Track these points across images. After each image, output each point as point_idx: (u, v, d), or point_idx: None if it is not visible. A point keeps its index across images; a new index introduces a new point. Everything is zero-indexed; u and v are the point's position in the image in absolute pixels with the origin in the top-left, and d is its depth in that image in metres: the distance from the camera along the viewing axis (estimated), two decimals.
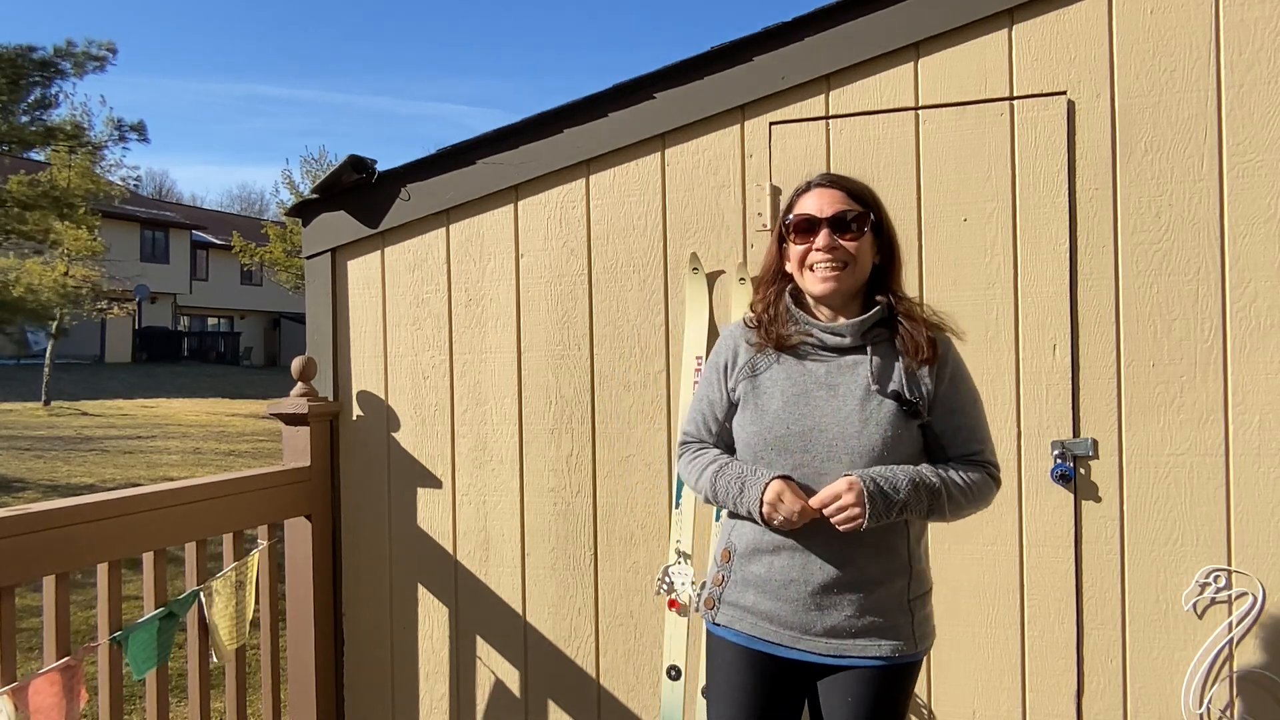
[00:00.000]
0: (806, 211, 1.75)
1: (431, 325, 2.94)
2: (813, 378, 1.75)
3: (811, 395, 1.73)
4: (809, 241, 1.74)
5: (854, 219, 1.73)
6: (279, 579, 2.84)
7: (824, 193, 1.76)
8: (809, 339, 1.77)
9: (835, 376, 1.74)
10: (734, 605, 1.79)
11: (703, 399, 1.90)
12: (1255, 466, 2.27)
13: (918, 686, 2.49)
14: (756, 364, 1.80)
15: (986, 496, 1.77)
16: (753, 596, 1.76)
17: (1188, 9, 2.31)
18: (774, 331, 1.78)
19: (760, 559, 1.75)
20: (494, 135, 2.84)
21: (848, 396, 1.71)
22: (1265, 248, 2.26)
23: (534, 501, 2.83)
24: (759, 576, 1.75)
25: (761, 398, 1.77)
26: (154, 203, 39.59)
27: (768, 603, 1.74)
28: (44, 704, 1.90)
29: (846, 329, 1.74)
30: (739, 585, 1.78)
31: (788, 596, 1.72)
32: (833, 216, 1.72)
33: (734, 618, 1.79)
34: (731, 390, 1.83)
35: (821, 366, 1.75)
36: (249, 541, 2.72)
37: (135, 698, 3.65)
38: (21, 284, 15.97)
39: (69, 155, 15.43)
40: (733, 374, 1.83)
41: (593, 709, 2.77)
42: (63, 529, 2.08)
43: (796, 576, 1.71)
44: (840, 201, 1.74)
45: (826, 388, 1.73)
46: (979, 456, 1.78)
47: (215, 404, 19.56)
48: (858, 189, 1.78)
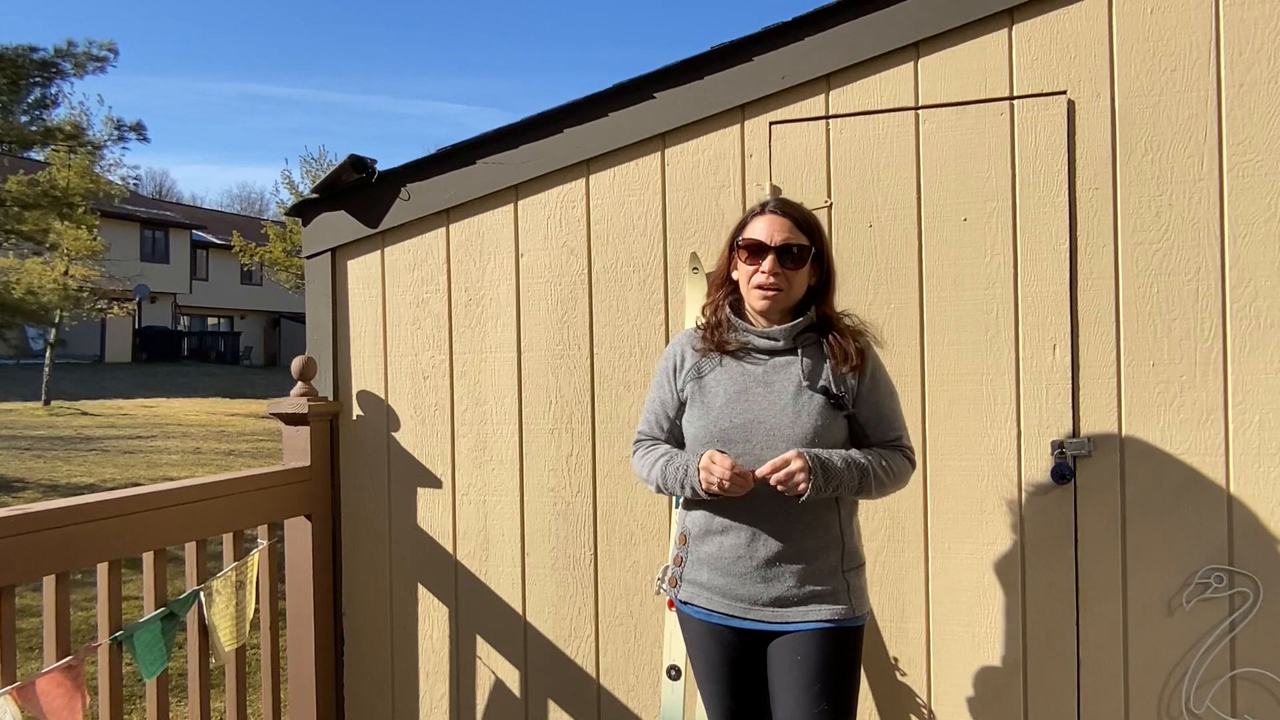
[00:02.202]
0: (757, 237, 1.95)
1: (431, 325, 2.94)
2: (751, 376, 1.98)
3: (751, 392, 1.96)
4: (756, 264, 1.95)
5: (798, 251, 1.95)
6: (279, 579, 2.84)
7: (775, 220, 1.96)
8: (747, 344, 2.00)
9: (771, 375, 1.97)
10: (692, 583, 2.01)
11: (655, 400, 2.13)
12: (1255, 466, 2.27)
13: (918, 686, 2.49)
14: (702, 366, 2.03)
15: (905, 476, 2.02)
16: (707, 573, 1.98)
17: (1188, 9, 2.31)
18: (717, 337, 2.02)
19: (711, 539, 1.98)
20: (494, 135, 2.84)
21: (782, 392, 1.95)
22: (1265, 248, 2.26)
23: (534, 501, 2.83)
24: (711, 555, 1.98)
25: (707, 395, 2.00)
26: (154, 202, 39.60)
27: (720, 578, 1.96)
28: (55, 705, 1.90)
29: (780, 333, 1.98)
30: (695, 564, 2.01)
31: (736, 571, 1.94)
32: (780, 246, 1.93)
33: (693, 594, 2.01)
34: (680, 390, 2.06)
35: (759, 367, 1.99)
36: (249, 541, 2.72)
37: (135, 698, 3.65)
38: (22, 285, 15.97)
39: (68, 155, 15.42)
40: (680, 375, 2.06)
41: (593, 709, 2.77)
42: (63, 529, 2.09)
43: (743, 553, 1.93)
44: (788, 231, 1.95)
45: (763, 385, 1.96)
46: (897, 441, 2.03)
47: (215, 404, 19.56)
48: (805, 220, 1.98)
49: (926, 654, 2.49)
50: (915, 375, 2.48)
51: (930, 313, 2.48)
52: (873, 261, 2.53)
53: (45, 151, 15.84)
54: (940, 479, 2.46)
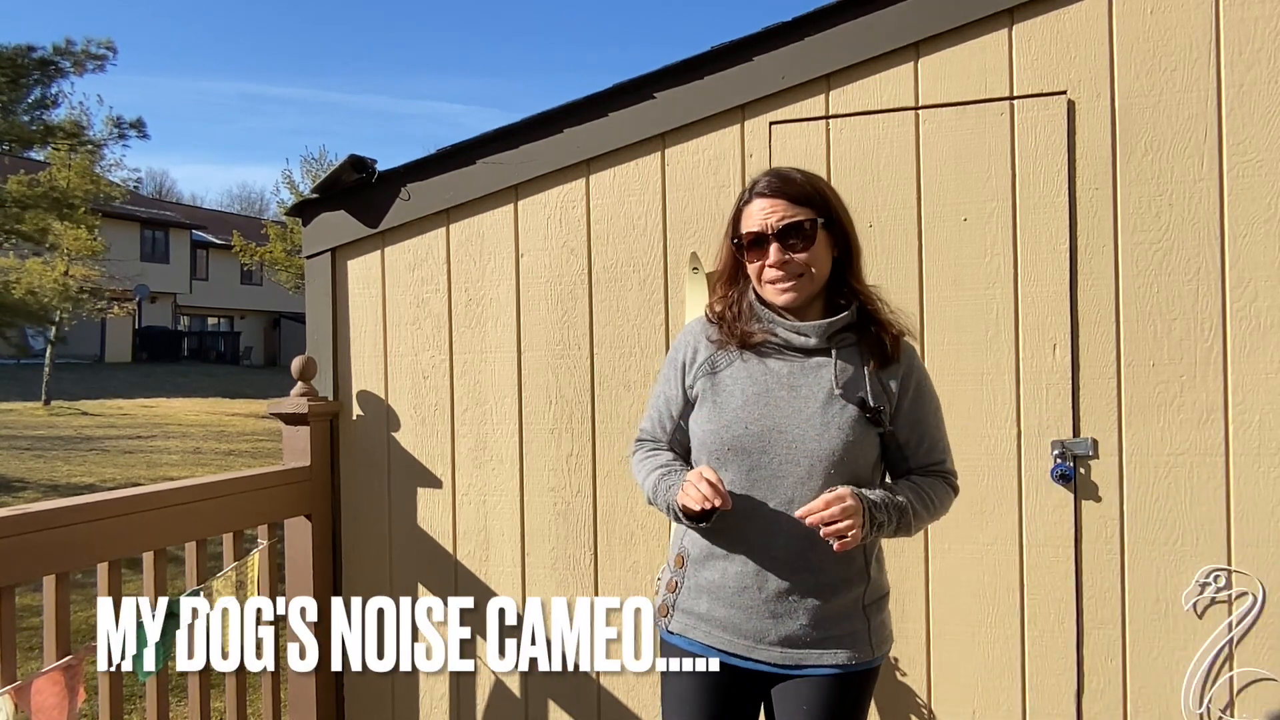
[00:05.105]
0: (753, 229, 1.68)
1: (431, 325, 2.94)
2: (775, 377, 1.69)
3: (773, 394, 1.67)
4: (761, 257, 1.68)
5: (807, 227, 1.66)
6: (279, 579, 2.84)
7: (767, 204, 1.68)
8: (773, 338, 1.70)
9: (798, 377, 1.68)
10: (688, 613, 1.72)
11: (659, 396, 1.83)
12: (1255, 466, 2.27)
13: (918, 686, 2.49)
14: (717, 361, 1.73)
15: (946, 508, 1.75)
16: (706, 603, 1.70)
17: (1188, 9, 2.31)
18: (737, 328, 1.72)
19: (714, 564, 1.69)
20: (494, 135, 2.84)
21: (810, 398, 1.66)
22: (1265, 248, 2.26)
23: (534, 501, 2.83)
24: (713, 583, 1.69)
25: (721, 395, 1.70)
26: (154, 202, 39.60)
27: (722, 610, 1.68)
28: (45, 703, 1.90)
29: (812, 330, 1.68)
30: (692, 592, 1.72)
31: (742, 604, 1.66)
32: (780, 230, 1.65)
33: (687, 625, 1.72)
34: (689, 387, 1.76)
35: (785, 366, 1.69)
36: (249, 541, 2.72)
37: (135, 698, 3.65)
38: (22, 285, 15.98)
39: (69, 155, 15.44)
40: (692, 370, 1.76)
41: (593, 709, 2.77)
42: (63, 529, 2.08)
43: (751, 583, 1.66)
44: (785, 210, 1.66)
45: (789, 388, 1.67)
46: (941, 468, 1.75)
47: (215, 404, 19.57)
48: (802, 191, 1.68)
49: (926, 654, 2.49)
50: None
51: (930, 313, 2.48)
52: (873, 261, 2.52)
53: (45, 151, 15.86)
54: None
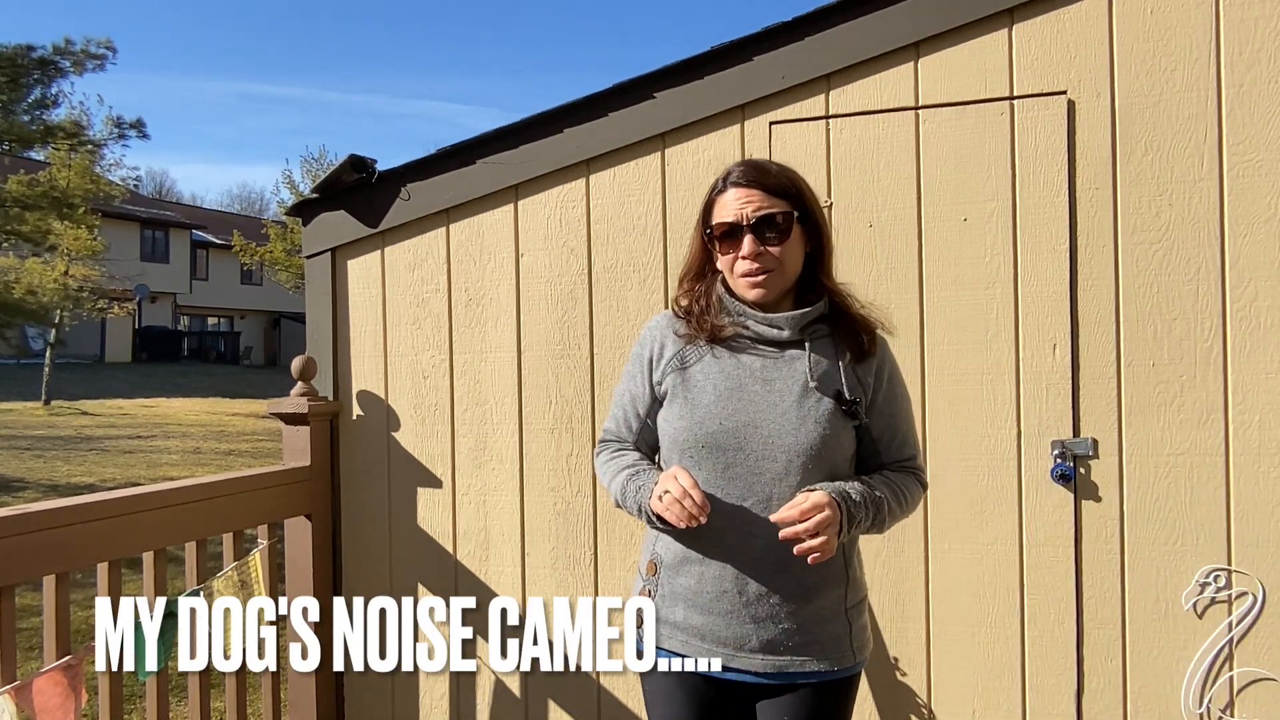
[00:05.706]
0: (726, 219, 1.63)
1: (431, 325, 2.94)
2: (747, 371, 1.64)
3: (746, 389, 1.62)
4: (734, 249, 1.63)
5: (780, 219, 1.61)
6: (279, 578, 2.84)
7: (742, 194, 1.63)
8: (745, 331, 1.65)
9: (771, 371, 1.63)
10: (664, 622, 1.66)
11: (624, 394, 1.77)
12: (1255, 466, 2.27)
13: (918, 686, 2.49)
14: (686, 356, 1.68)
15: (917, 504, 1.73)
16: (683, 611, 1.64)
17: (1188, 9, 2.31)
18: (707, 322, 1.67)
19: (689, 569, 1.63)
20: (494, 135, 2.84)
21: (785, 392, 1.61)
22: (1265, 248, 2.26)
23: (534, 501, 2.83)
24: (689, 589, 1.63)
25: (692, 391, 1.65)
26: (154, 202, 39.61)
27: (699, 617, 1.63)
28: (49, 704, 1.90)
29: (785, 321, 1.64)
30: (667, 599, 1.66)
31: (721, 609, 1.61)
32: (755, 222, 1.61)
33: (662, 635, 1.66)
34: (657, 384, 1.71)
35: (757, 360, 1.64)
36: (249, 541, 2.72)
37: (135, 698, 3.65)
38: (22, 285, 15.98)
39: (69, 155, 15.44)
40: (659, 366, 1.70)
41: (593, 709, 2.77)
42: (63, 529, 2.08)
43: (730, 587, 1.60)
44: (760, 201, 1.62)
45: (762, 382, 1.62)
46: (912, 463, 1.73)
47: (215, 404, 19.57)
48: (778, 183, 1.64)
49: (926, 654, 2.49)
50: (915, 375, 2.48)
51: (930, 313, 2.48)
52: (873, 261, 2.52)
53: (45, 151, 15.86)
54: (940, 479, 2.46)
